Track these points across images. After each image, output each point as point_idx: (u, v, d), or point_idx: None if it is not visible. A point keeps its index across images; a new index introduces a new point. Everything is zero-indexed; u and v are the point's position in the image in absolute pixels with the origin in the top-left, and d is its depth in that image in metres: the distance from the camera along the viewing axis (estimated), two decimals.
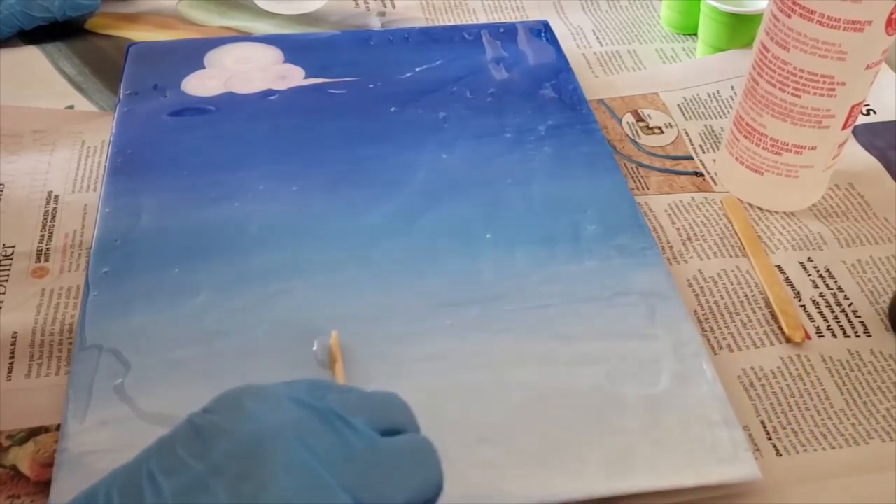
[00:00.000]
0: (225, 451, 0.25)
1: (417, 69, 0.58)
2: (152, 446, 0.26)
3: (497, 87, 0.57)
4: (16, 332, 0.42)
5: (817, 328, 0.44)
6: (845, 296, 0.46)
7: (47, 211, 0.49)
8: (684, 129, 0.57)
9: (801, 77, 0.45)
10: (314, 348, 0.40)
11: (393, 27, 0.66)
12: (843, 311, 0.45)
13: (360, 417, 0.27)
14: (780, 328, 0.44)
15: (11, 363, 0.41)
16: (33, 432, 0.38)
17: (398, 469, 0.26)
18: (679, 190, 0.52)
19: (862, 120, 0.58)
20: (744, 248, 0.48)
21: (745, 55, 0.61)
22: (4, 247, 0.47)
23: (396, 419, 0.28)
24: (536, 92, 0.57)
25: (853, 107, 0.46)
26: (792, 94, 0.46)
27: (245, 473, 0.24)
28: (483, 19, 0.68)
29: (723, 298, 0.46)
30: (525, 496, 0.35)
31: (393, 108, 0.55)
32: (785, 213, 0.51)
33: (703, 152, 0.56)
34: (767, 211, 0.51)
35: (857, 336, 0.44)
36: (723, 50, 0.63)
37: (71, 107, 0.57)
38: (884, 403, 0.41)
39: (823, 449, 0.39)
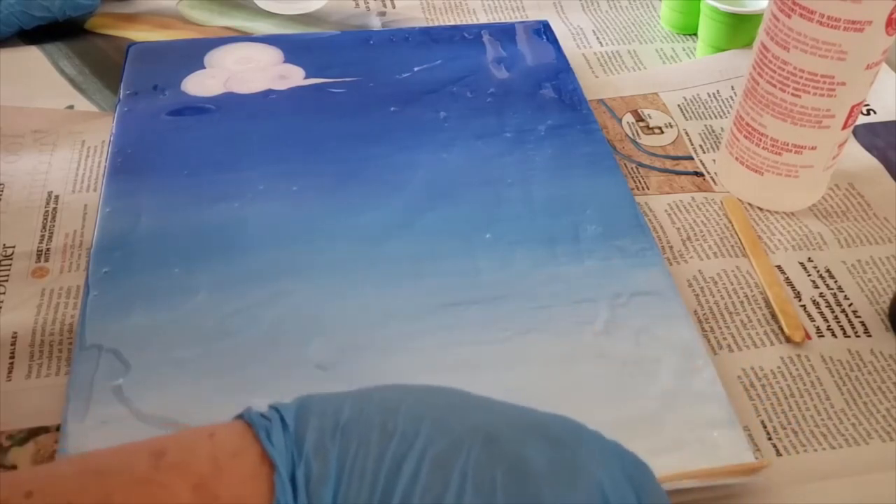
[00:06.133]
0: None
1: (417, 69, 0.58)
2: (476, 440, 0.25)
3: (497, 87, 0.57)
4: (16, 332, 0.42)
5: (817, 328, 0.44)
6: (845, 296, 0.46)
7: (47, 211, 0.49)
8: (684, 129, 0.57)
9: (801, 77, 0.45)
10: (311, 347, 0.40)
11: (393, 27, 0.66)
12: (843, 311, 0.45)
13: None
14: (780, 328, 0.44)
15: (11, 363, 0.41)
16: (33, 432, 0.38)
17: None
18: (679, 190, 0.52)
19: (862, 120, 0.58)
20: (744, 248, 0.48)
21: (745, 55, 0.61)
22: (4, 247, 0.47)
23: None
24: (536, 92, 0.57)
25: (853, 107, 0.46)
26: (792, 94, 0.46)
27: None
28: (483, 19, 0.68)
29: (723, 298, 0.46)
30: None
31: (393, 108, 0.55)
32: (785, 213, 0.51)
33: (703, 152, 0.56)
34: (767, 211, 0.51)
35: (858, 336, 0.44)
36: (723, 50, 0.63)
37: (71, 107, 0.57)
38: (884, 403, 0.41)
39: (823, 449, 0.39)
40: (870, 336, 0.44)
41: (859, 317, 0.45)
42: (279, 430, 0.25)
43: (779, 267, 0.47)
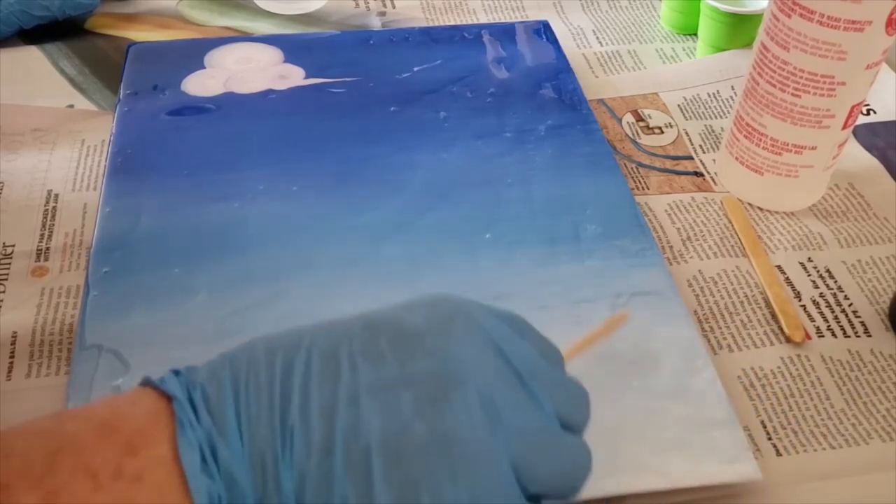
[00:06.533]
0: (424, 371, 0.27)
1: (417, 69, 0.58)
2: (356, 328, 0.28)
3: (497, 86, 0.57)
4: (16, 332, 0.42)
5: (817, 328, 0.44)
6: (845, 296, 0.46)
7: (47, 210, 0.49)
8: (684, 129, 0.57)
9: (801, 77, 0.45)
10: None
11: (393, 27, 0.66)
12: (843, 311, 0.45)
13: (550, 399, 0.28)
14: (780, 328, 0.44)
15: (11, 363, 0.41)
16: None
17: (556, 464, 0.27)
18: (679, 190, 0.52)
19: (862, 120, 0.58)
20: (744, 248, 0.48)
21: (745, 55, 0.61)
22: (4, 246, 0.47)
23: (578, 419, 0.29)
24: (536, 92, 0.57)
25: (853, 107, 0.46)
26: (792, 94, 0.46)
27: (433, 399, 0.26)
28: (483, 19, 0.68)
29: (723, 298, 0.46)
30: None
31: (393, 108, 0.55)
32: (785, 213, 0.51)
33: (703, 152, 0.56)
34: (767, 211, 0.51)
35: (857, 336, 0.44)
36: (723, 50, 0.63)
37: (71, 106, 0.57)
38: (884, 403, 0.41)
39: (823, 449, 0.39)
40: (870, 336, 0.44)
41: (859, 317, 0.45)
42: (171, 375, 0.27)
43: (779, 267, 0.47)
